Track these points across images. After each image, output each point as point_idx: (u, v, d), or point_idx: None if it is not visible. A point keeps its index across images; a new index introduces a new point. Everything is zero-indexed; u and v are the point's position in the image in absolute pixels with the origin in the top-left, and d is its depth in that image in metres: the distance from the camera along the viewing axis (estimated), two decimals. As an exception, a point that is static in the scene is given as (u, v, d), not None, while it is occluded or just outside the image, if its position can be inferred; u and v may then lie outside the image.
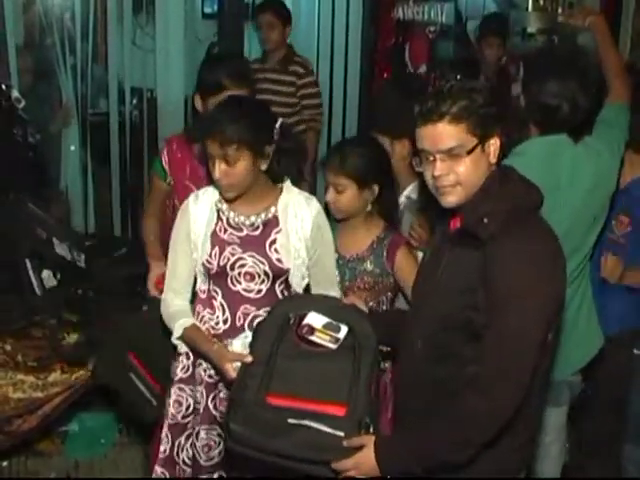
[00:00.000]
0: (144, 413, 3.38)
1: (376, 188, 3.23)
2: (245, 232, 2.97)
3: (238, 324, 2.98)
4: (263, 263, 2.94)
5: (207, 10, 7.16)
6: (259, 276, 2.95)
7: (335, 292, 3.05)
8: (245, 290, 2.97)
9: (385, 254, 3.24)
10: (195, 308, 3.08)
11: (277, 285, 2.98)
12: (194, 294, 3.11)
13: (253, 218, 2.97)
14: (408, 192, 3.48)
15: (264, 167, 2.88)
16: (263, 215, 2.97)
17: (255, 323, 2.89)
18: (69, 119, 5.76)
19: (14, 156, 4.14)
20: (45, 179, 4.74)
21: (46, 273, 3.73)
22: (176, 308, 3.06)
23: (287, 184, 3.02)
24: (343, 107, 6.55)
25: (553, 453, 3.41)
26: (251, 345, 2.67)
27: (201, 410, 3.07)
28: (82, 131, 5.86)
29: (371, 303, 3.17)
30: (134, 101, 6.21)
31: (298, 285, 3.02)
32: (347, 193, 3.20)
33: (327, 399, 2.44)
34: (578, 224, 3.08)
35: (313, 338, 2.58)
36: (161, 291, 3.20)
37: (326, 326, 2.60)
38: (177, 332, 3.01)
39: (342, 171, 3.18)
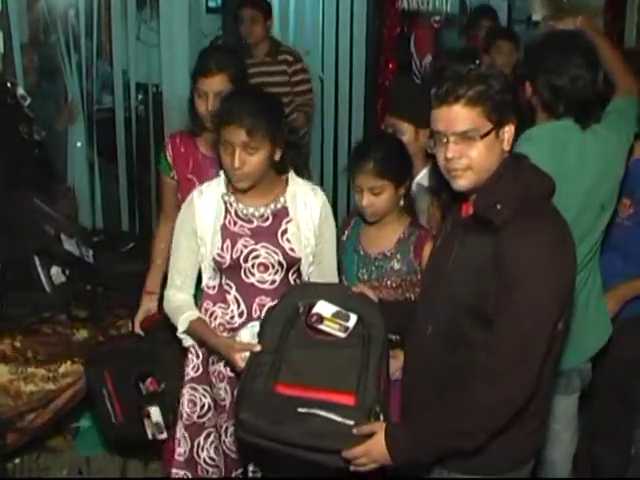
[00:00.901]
0: (105, 427, 3.44)
1: (409, 182, 3.21)
2: (255, 223, 2.97)
3: (255, 316, 2.96)
4: (277, 253, 2.94)
5: (211, 4, 7.18)
6: (273, 267, 2.95)
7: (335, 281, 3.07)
8: (259, 281, 2.97)
9: (412, 251, 3.19)
10: (202, 305, 3.07)
11: (290, 275, 2.99)
12: (199, 290, 3.11)
13: (262, 209, 2.97)
14: (419, 179, 3.46)
15: (277, 158, 2.89)
16: (272, 206, 2.98)
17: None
18: (75, 116, 5.75)
19: (20, 153, 4.14)
20: (52, 176, 4.74)
21: (55, 269, 3.74)
22: (179, 302, 3.05)
23: (291, 174, 3.03)
24: (349, 98, 6.54)
25: (564, 441, 3.40)
26: (259, 334, 2.66)
27: (227, 406, 3.06)
28: (88, 127, 5.86)
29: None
30: (139, 96, 6.21)
31: (306, 274, 3.03)
32: (385, 194, 3.14)
33: (336, 388, 2.43)
34: (587, 210, 3.07)
35: (322, 327, 2.56)
36: (145, 328, 3.33)
37: (335, 315, 2.58)
38: (182, 325, 3.00)
39: (380, 174, 3.11)
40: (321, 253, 3.05)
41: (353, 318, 2.58)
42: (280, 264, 2.95)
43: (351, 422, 2.36)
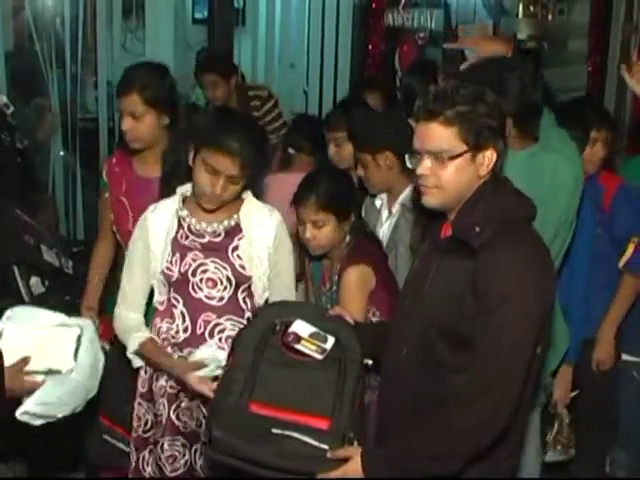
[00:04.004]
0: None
1: (352, 217, 3.23)
2: (207, 238, 2.95)
3: (199, 332, 2.95)
4: (225, 268, 2.92)
5: (197, 15, 7.17)
6: (221, 282, 2.93)
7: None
8: (207, 297, 2.94)
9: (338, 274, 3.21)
10: (153, 322, 3.05)
11: (239, 293, 2.96)
12: (151, 308, 3.09)
13: (215, 225, 2.95)
14: (402, 199, 3.48)
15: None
16: (225, 222, 2.96)
17: (217, 331, 2.93)
18: (55, 128, 5.73)
19: (1, 162, 4.11)
20: (33, 185, 4.71)
21: (34, 280, 3.71)
22: (131, 322, 3.04)
23: (248, 194, 3.01)
24: (333, 113, 6.55)
25: (529, 454, 3.40)
26: (233, 349, 2.62)
27: (163, 421, 3.03)
28: (71, 136, 5.84)
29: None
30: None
31: (260, 297, 2.99)
32: (327, 227, 3.17)
33: (311, 411, 2.39)
34: (560, 234, 3.08)
35: (299, 347, 2.53)
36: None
37: (312, 335, 2.55)
38: (132, 346, 3.00)
39: (321, 207, 3.15)
40: (280, 271, 3.03)
41: (330, 340, 2.55)
42: (229, 280, 2.93)
43: (325, 446, 2.32)
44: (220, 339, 2.95)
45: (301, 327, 2.58)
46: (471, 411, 2.22)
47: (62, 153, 5.82)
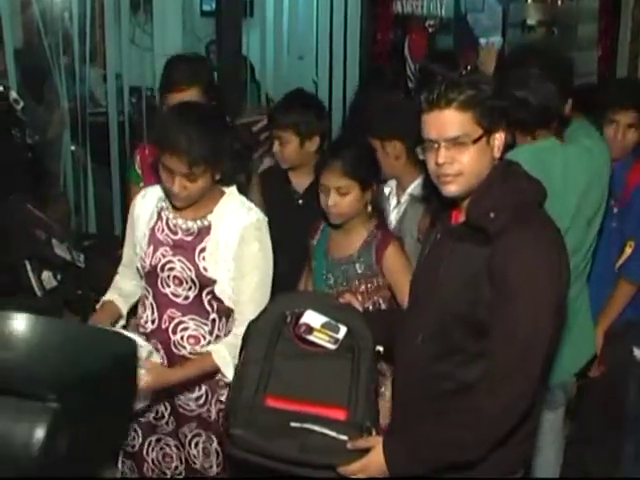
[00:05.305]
0: None
1: (375, 187, 3.21)
2: (179, 235, 2.93)
3: (163, 327, 2.95)
4: (190, 269, 2.89)
5: (206, 8, 7.17)
6: (186, 282, 2.91)
7: (241, 315, 2.92)
8: (173, 294, 2.94)
9: (374, 254, 3.20)
10: (139, 302, 3.10)
11: (204, 294, 2.92)
12: None
13: (190, 223, 2.92)
14: (411, 189, 3.48)
15: (218, 177, 2.86)
16: (199, 222, 2.92)
17: (180, 329, 2.93)
18: (64, 122, 5.74)
19: (12, 157, 4.11)
20: (44, 180, 4.73)
21: (46, 274, 3.73)
22: (116, 284, 3.19)
23: (231, 190, 2.96)
24: (343, 102, 6.53)
25: (550, 456, 3.38)
26: (245, 343, 2.61)
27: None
28: (82, 130, 5.84)
29: (366, 305, 3.12)
30: (133, 100, 6.19)
31: (228, 300, 2.94)
32: (350, 195, 3.17)
33: (327, 402, 2.39)
34: (573, 229, 3.05)
35: (311, 338, 2.52)
36: None
37: (324, 326, 2.54)
38: (103, 297, 3.17)
39: (346, 173, 3.14)
40: (244, 277, 2.92)
41: (343, 329, 2.54)
42: (193, 281, 2.90)
43: (345, 437, 2.31)
44: (182, 337, 2.94)
45: (312, 318, 2.57)
46: (496, 396, 2.22)
47: (73, 148, 5.81)
